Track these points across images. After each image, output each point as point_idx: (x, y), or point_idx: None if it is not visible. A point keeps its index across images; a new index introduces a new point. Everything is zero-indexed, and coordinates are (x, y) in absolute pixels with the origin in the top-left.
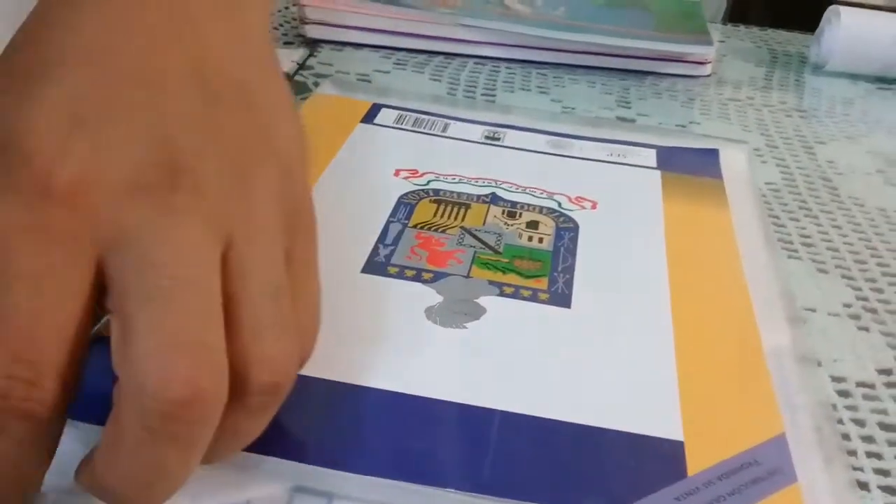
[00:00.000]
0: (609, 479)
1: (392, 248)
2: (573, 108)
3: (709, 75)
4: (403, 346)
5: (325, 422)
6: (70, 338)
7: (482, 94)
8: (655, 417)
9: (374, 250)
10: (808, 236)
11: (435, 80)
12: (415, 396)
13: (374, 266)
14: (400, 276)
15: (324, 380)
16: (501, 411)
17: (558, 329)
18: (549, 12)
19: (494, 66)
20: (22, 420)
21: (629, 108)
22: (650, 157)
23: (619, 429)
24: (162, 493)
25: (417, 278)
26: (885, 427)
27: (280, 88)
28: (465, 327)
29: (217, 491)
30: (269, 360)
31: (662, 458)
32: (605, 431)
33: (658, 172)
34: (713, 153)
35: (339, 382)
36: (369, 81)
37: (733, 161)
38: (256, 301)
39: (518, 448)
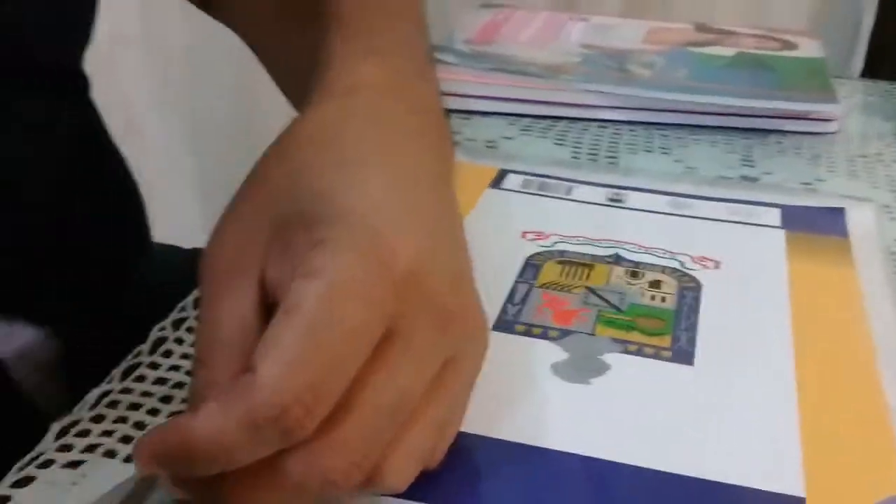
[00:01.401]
0: None
1: (520, 307)
2: (696, 169)
3: (835, 132)
4: (531, 400)
5: (456, 469)
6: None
7: (605, 157)
8: (777, 473)
9: (504, 309)
10: None
11: (559, 144)
12: (541, 448)
13: (504, 324)
14: (527, 333)
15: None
16: (623, 464)
17: (681, 385)
18: (670, 74)
19: (617, 129)
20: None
21: (753, 166)
22: (774, 216)
23: (741, 484)
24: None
25: (544, 336)
26: None
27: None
28: (589, 383)
29: None
30: (328, 460)
31: None
32: (727, 486)
33: (782, 231)
34: (839, 212)
35: (470, 434)
36: (496, 148)
37: (860, 219)
38: (374, 402)
39: (640, 500)
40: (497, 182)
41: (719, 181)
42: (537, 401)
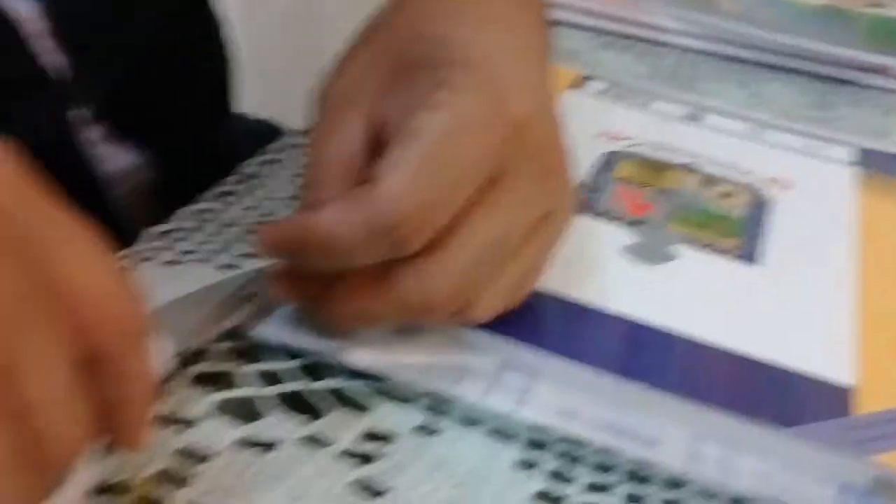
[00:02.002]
0: (776, 406)
1: (596, 194)
2: (770, 103)
3: None
4: (600, 271)
5: (534, 317)
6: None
7: (682, 81)
8: (829, 362)
9: (580, 194)
10: None
11: (639, 63)
12: (605, 310)
13: (580, 207)
14: (602, 217)
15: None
16: (678, 335)
17: (744, 277)
18: (756, 12)
19: (696, 57)
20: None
21: (825, 112)
22: (846, 153)
23: (792, 367)
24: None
25: (616, 220)
26: None
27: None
28: (656, 265)
29: (443, 353)
30: (431, 277)
31: (831, 396)
32: (777, 367)
33: (855, 167)
34: None
35: (548, 293)
36: (578, 58)
37: None
38: (478, 236)
39: (690, 370)
40: (577, 86)
41: (794, 117)
42: (606, 272)
